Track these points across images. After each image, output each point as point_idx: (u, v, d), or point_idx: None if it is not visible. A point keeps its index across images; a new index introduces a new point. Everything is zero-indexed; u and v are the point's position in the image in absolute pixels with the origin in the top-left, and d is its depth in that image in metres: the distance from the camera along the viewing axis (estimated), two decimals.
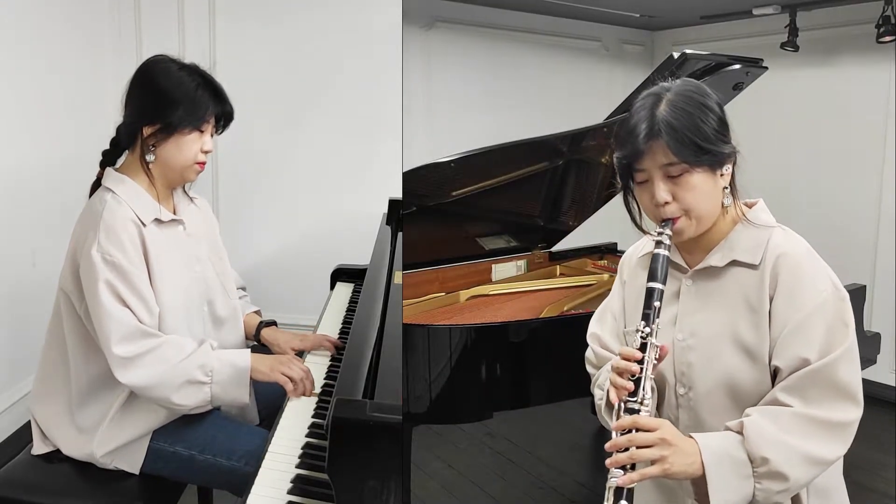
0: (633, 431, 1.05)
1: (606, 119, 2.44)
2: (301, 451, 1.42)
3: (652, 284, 1.12)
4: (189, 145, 1.58)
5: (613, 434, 1.07)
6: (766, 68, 2.38)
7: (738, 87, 2.40)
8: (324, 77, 3.38)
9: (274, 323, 1.93)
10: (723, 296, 1.17)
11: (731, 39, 3.96)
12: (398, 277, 1.96)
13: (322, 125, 3.42)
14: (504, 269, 2.65)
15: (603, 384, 1.22)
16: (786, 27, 3.54)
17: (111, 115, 2.89)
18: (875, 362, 2.55)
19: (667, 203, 1.12)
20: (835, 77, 3.61)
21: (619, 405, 1.09)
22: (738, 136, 1.27)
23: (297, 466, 1.37)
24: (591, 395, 1.43)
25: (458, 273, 2.53)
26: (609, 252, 2.83)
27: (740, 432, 1.07)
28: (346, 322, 2.15)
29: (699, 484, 1.05)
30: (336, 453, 1.19)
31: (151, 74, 1.59)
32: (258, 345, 1.89)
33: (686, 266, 1.22)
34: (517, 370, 1.98)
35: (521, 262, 2.71)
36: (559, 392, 2.02)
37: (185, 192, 1.76)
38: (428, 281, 2.44)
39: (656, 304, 1.11)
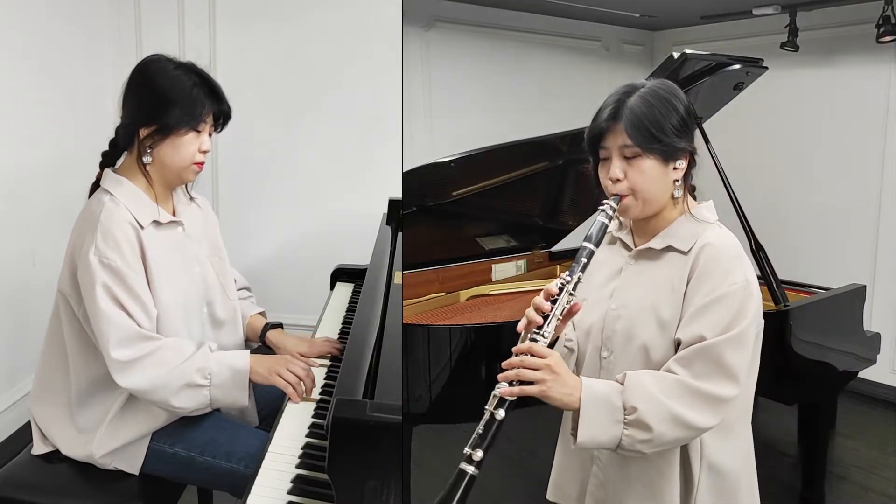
0: (528, 356, 1.18)
1: None
2: (301, 451, 1.42)
3: (585, 244, 1.25)
4: (186, 146, 1.57)
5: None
6: (766, 68, 2.38)
7: (738, 87, 2.41)
8: (324, 76, 3.38)
9: (280, 325, 1.91)
10: (655, 276, 1.31)
11: (731, 39, 3.96)
12: (398, 277, 1.96)
13: (322, 125, 3.42)
14: (504, 269, 2.65)
15: None
16: (786, 27, 3.54)
17: (111, 115, 2.90)
18: (875, 362, 2.55)
19: (618, 180, 1.26)
20: (835, 77, 3.61)
21: (525, 335, 1.22)
22: (738, 135, 1.31)
23: (297, 466, 1.37)
24: None
25: (458, 273, 2.53)
26: None
27: (623, 383, 1.19)
28: (346, 322, 2.15)
29: (576, 419, 1.18)
30: (336, 453, 1.19)
31: (147, 74, 1.58)
32: (263, 346, 1.88)
33: (632, 247, 1.37)
34: None
35: (521, 262, 2.71)
36: None
37: (185, 191, 1.76)
38: (428, 281, 2.44)
39: (583, 259, 1.24)
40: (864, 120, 3.49)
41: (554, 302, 1.21)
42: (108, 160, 1.63)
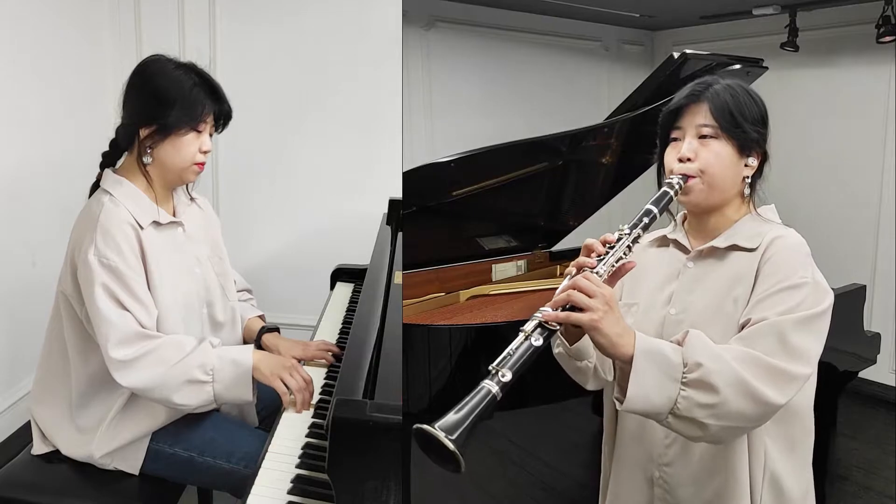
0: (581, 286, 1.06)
1: (606, 119, 2.44)
2: (301, 451, 1.42)
3: (650, 206, 1.19)
4: (186, 146, 1.57)
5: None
6: (766, 68, 2.38)
7: None
8: (324, 77, 3.38)
9: (277, 329, 1.90)
10: (718, 277, 1.23)
11: (731, 39, 3.96)
12: (398, 277, 1.95)
13: (322, 125, 3.42)
14: (504, 269, 2.65)
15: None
16: (786, 27, 3.54)
17: (111, 115, 2.90)
18: (875, 362, 2.55)
19: (689, 160, 1.22)
20: (835, 77, 3.61)
21: (575, 271, 1.12)
22: None
23: (297, 466, 1.37)
24: (592, 395, 1.44)
25: (458, 273, 2.53)
26: None
27: (681, 344, 1.08)
28: (346, 322, 2.15)
29: (624, 374, 1.05)
30: (336, 453, 1.19)
31: (147, 74, 1.58)
32: (259, 350, 1.87)
33: (690, 248, 1.29)
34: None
35: (522, 262, 2.71)
36: (559, 392, 2.02)
37: (186, 192, 1.76)
38: (428, 281, 2.44)
39: (644, 219, 1.17)
40: (864, 120, 3.49)
41: (611, 248, 1.13)
42: (108, 160, 1.63)
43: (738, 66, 2.28)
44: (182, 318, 1.61)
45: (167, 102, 1.54)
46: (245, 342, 1.87)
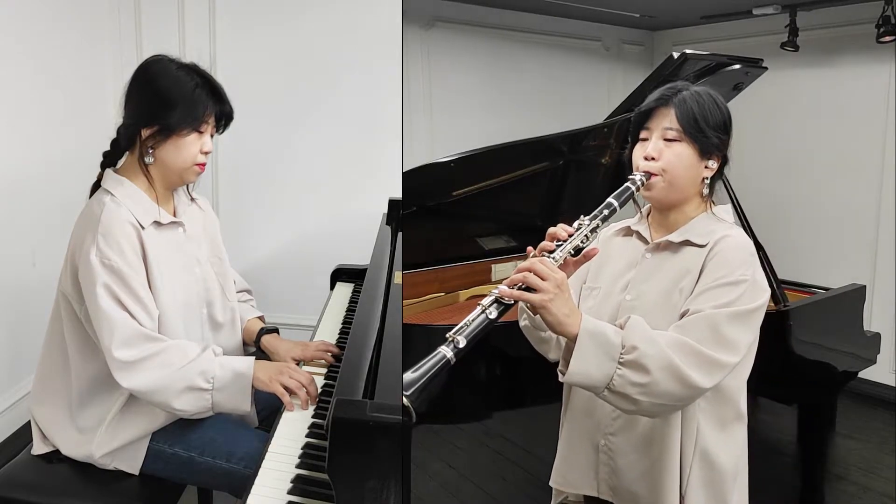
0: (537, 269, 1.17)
1: (606, 119, 2.44)
2: (301, 451, 1.42)
3: (611, 200, 1.30)
4: (188, 147, 1.57)
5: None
6: (766, 68, 2.39)
7: (738, 88, 2.41)
8: (324, 77, 3.38)
9: (276, 330, 1.90)
10: (670, 268, 1.34)
11: (731, 39, 3.96)
12: (398, 277, 1.95)
13: (322, 125, 3.42)
14: (504, 269, 2.65)
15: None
16: (786, 27, 3.54)
17: (111, 115, 2.90)
18: (875, 362, 2.55)
19: (653, 159, 1.32)
20: (835, 77, 3.61)
21: (535, 254, 1.24)
22: (738, 135, 1.37)
23: (297, 466, 1.37)
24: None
25: (458, 273, 2.53)
26: None
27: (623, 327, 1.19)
28: (346, 322, 2.15)
29: (569, 349, 1.16)
30: (336, 453, 1.19)
31: (149, 75, 1.58)
32: (259, 351, 1.87)
33: (650, 240, 1.40)
34: (516, 370, 1.97)
35: (521, 263, 2.70)
36: (558, 392, 2.02)
37: (186, 192, 1.76)
38: (428, 281, 2.44)
39: (605, 211, 1.29)
40: (864, 120, 3.49)
41: (571, 235, 1.25)
42: (109, 160, 1.63)
43: (738, 66, 2.28)
44: (182, 319, 1.61)
45: (169, 103, 1.54)
46: (245, 343, 1.87)
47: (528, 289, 1.16)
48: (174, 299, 1.59)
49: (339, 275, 2.54)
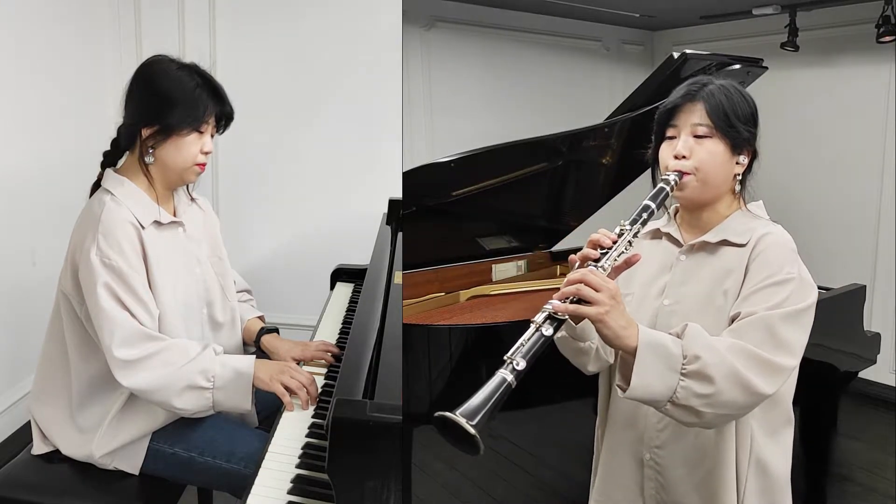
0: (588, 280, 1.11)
1: (606, 119, 2.44)
2: (301, 451, 1.42)
3: (648, 202, 1.24)
4: (188, 147, 1.58)
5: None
6: (766, 68, 2.38)
7: None
8: (324, 77, 3.38)
9: (276, 330, 1.90)
10: (709, 270, 1.28)
11: (731, 39, 3.96)
12: (398, 277, 1.96)
13: (322, 125, 3.42)
14: (504, 269, 2.65)
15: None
16: (786, 27, 3.53)
17: (111, 115, 2.90)
18: (875, 362, 2.55)
19: (684, 157, 1.26)
20: (835, 77, 3.61)
21: (579, 263, 1.17)
22: None
23: (297, 466, 1.37)
24: (593, 396, 1.44)
25: (458, 273, 2.53)
26: None
27: (680, 336, 1.13)
28: (346, 322, 2.15)
29: (626, 364, 1.10)
30: (336, 453, 1.19)
31: (150, 75, 1.59)
32: (259, 351, 1.87)
33: (682, 241, 1.34)
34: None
35: (522, 262, 2.70)
36: (561, 393, 2.02)
37: (186, 192, 1.76)
38: (428, 281, 2.44)
39: (644, 215, 1.22)
40: (864, 120, 3.49)
41: (614, 243, 1.18)
42: (109, 160, 1.64)
43: (738, 66, 2.27)
44: (182, 319, 1.61)
45: (170, 103, 1.54)
46: (245, 343, 1.88)
47: (582, 301, 1.09)
48: (174, 299, 1.59)
49: (339, 275, 2.54)
